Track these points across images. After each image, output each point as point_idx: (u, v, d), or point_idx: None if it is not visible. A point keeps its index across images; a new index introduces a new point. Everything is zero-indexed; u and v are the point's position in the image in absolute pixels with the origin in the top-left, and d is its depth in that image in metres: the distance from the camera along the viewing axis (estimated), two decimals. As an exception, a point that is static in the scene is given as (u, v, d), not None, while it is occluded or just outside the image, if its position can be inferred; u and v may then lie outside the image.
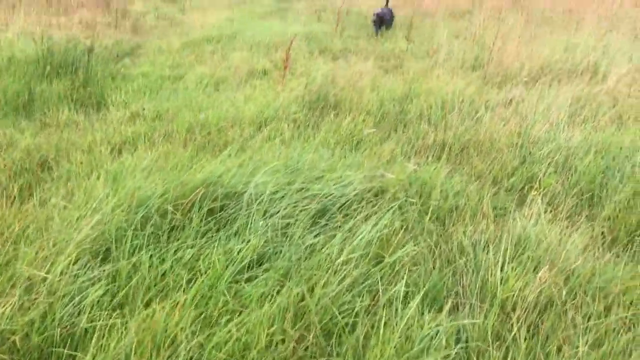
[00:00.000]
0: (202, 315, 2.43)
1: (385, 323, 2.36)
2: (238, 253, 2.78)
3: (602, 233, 3.34)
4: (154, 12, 13.64)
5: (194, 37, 9.81)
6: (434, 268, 2.89)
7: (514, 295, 2.64)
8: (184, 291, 2.55)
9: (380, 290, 2.56)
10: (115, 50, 8.41)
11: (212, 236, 2.95)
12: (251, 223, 2.95)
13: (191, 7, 14.67)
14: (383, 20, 9.78)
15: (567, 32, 8.81)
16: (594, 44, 7.65)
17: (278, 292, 2.53)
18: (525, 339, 2.42)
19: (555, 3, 12.77)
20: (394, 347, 2.24)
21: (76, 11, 13.33)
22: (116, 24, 11.50)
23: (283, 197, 3.17)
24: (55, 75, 6.62)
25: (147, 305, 2.47)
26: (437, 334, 2.35)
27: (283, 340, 2.31)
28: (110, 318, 2.37)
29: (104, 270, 2.63)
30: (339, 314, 2.40)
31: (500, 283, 2.75)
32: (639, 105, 5.17)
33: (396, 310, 2.44)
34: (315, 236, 2.92)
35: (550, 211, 3.61)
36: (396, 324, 2.34)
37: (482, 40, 8.24)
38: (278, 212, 3.01)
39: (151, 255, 2.75)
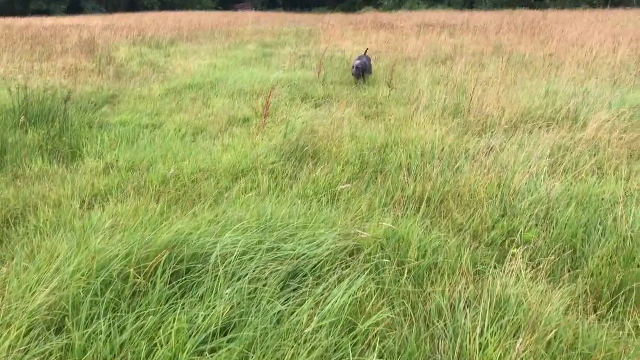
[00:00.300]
0: (160, 394, 2.26)
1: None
2: (203, 320, 2.63)
3: (586, 292, 3.22)
4: (139, 58, 13.69)
5: (176, 84, 9.79)
6: (410, 333, 2.75)
7: (493, 364, 2.50)
8: (142, 365, 2.38)
9: (352, 363, 2.40)
10: (94, 98, 8.34)
11: (177, 302, 2.80)
12: (217, 288, 2.80)
13: (176, 53, 14.76)
14: (365, 71, 9.81)
15: (547, 78, 8.90)
16: (574, 90, 7.71)
17: (242, 367, 2.37)
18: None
19: (536, 48, 13.00)
20: None
21: (60, 57, 13.37)
22: (99, 70, 11.49)
23: (252, 258, 3.03)
24: (30, 125, 6.52)
25: (101, 382, 2.30)
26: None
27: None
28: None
29: (56, 344, 2.46)
30: (306, 391, 2.25)
31: (480, 350, 2.61)
32: (620, 154, 5.12)
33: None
34: (285, 302, 2.77)
35: (532, 267, 3.49)
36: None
37: (463, 87, 8.27)
38: (246, 275, 2.86)
39: (110, 325, 2.59)
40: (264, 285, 2.85)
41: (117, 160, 5.33)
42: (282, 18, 35.14)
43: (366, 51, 10.83)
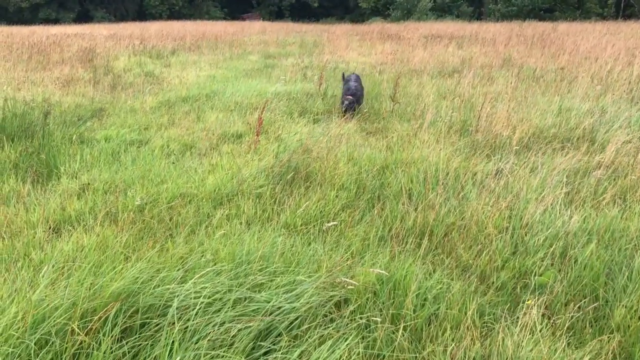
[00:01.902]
0: None
1: None
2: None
3: (612, 352, 2.74)
4: (137, 68, 13.33)
5: (170, 95, 9.38)
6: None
7: None
8: None
9: None
10: (83, 111, 7.94)
11: (125, 365, 2.35)
12: (173, 351, 2.34)
13: (176, 63, 14.39)
14: (357, 101, 7.95)
15: (559, 93, 8.42)
16: (589, 107, 7.23)
17: None
18: None
19: (546, 61, 12.52)
20: None
21: (57, 67, 13.02)
22: (94, 80, 11.12)
23: (219, 310, 2.57)
24: (8, 140, 6.12)
25: None
26: None
27: None
28: None
29: None
30: None
31: None
32: (643, 182, 4.64)
33: None
34: (252, 370, 2.31)
35: (548, 317, 3.02)
36: None
37: (471, 102, 7.81)
38: (207, 335, 2.40)
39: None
40: (230, 346, 2.39)
41: (91, 182, 4.91)
42: (289, 28, 34.82)
43: (342, 75, 9.11)
